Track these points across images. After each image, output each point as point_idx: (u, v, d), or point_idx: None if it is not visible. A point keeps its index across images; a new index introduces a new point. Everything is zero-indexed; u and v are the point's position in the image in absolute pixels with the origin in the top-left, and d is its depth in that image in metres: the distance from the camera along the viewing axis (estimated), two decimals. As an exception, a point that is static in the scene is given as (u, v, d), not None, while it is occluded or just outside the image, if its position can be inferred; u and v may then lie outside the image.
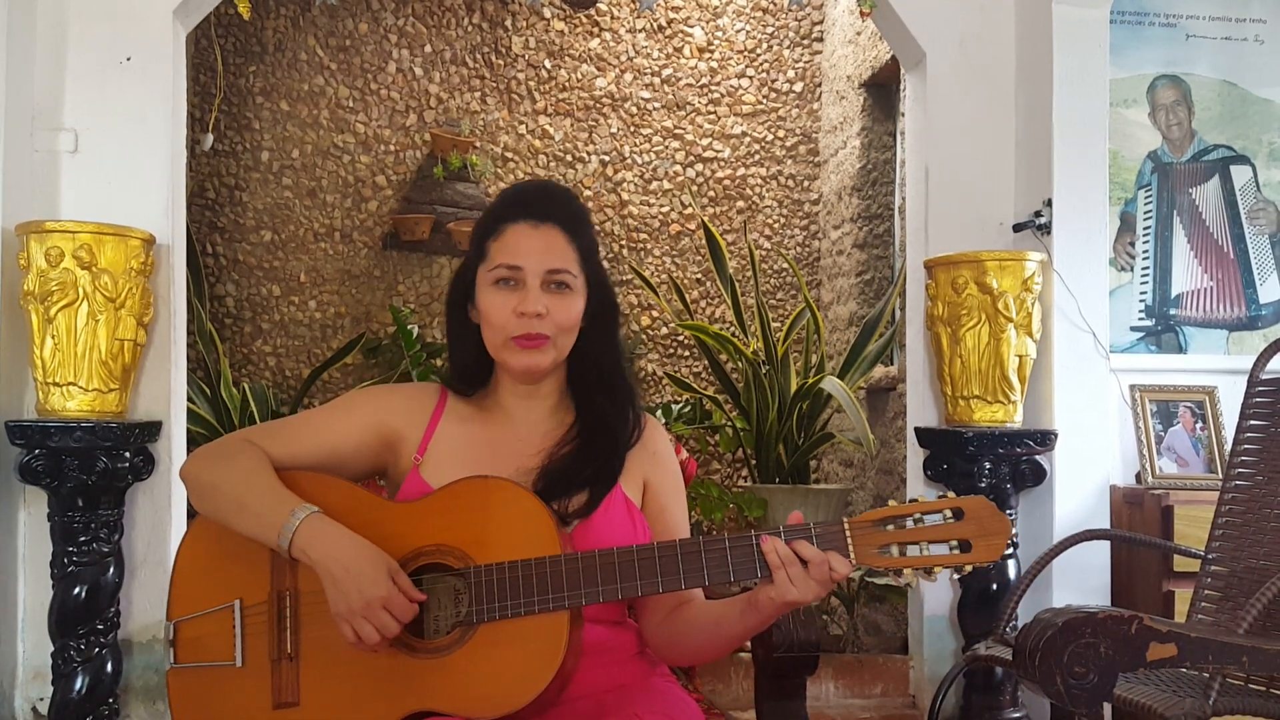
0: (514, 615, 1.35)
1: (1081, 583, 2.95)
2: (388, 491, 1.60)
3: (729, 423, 4.74)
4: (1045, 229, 3.08)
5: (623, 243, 5.66)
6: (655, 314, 5.66)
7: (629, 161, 5.70)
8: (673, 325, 5.59)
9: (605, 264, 1.64)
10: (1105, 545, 2.99)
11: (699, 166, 5.75)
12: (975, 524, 1.34)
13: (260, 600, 1.44)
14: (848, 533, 1.35)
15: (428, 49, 5.52)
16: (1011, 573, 2.94)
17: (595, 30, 5.70)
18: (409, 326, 5.04)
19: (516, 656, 1.35)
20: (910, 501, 1.37)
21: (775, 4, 5.80)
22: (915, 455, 3.27)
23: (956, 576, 1.37)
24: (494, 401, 1.58)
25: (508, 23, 5.61)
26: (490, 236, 1.52)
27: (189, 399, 3.45)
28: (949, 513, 1.35)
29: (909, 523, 1.35)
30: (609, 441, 1.54)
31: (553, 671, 1.34)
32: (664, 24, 5.74)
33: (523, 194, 1.57)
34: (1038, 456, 3.02)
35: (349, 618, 1.35)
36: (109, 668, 2.69)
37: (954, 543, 1.33)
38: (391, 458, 1.56)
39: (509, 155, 5.57)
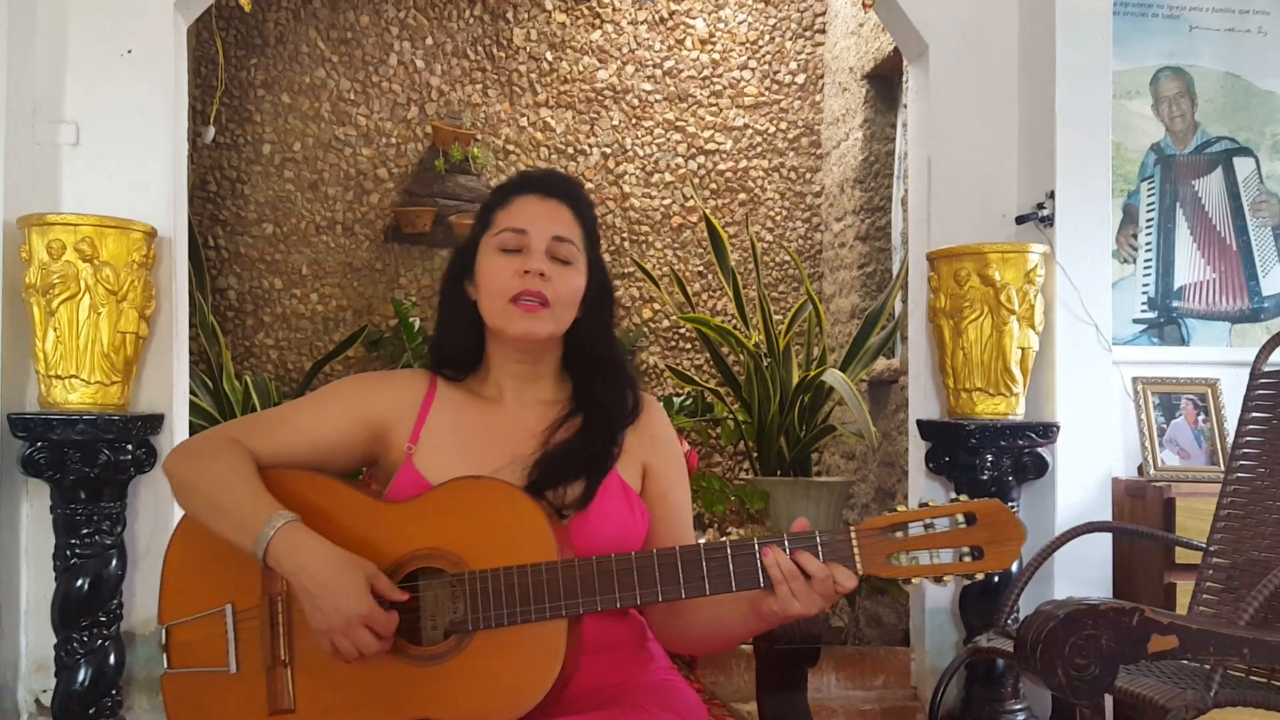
0: (510, 623, 1.33)
1: (1083, 575, 2.95)
2: (379, 480, 1.56)
3: (730, 415, 4.74)
4: (1048, 221, 3.07)
5: (624, 235, 5.66)
6: (657, 306, 5.66)
7: (630, 154, 5.69)
8: (674, 318, 5.59)
9: (606, 257, 1.65)
10: (1107, 537, 2.99)
11: (701, 159, 5.74)
12: (988, 529, 1.28)
13: (252, 605, 1.42)
14: (854, 541, 1.30)
15: (429, 41, 5.51)
16: (1013, 565, 2.94)
17: (597, 22, 5.69)
18: (410, 319, 5.04)
19: (514, 665, 1.33)
20: (920, 506, 1.31)
21: (777, -4, 5.79)
22: (917, 448, 3.27)
23: (967, 582, 1.33)
24: (487, 385, 1.56)
25: (509, 15, 5.60)
26: (497, 207, 1.55)
27: (191, 392, 3.46)
28: (961, 517, 1.29)
29: (919, 529, 1.29)
30: (605, 425, 1.52)
31: (551, 680, 1.32)
32: (665, 16, 5.72)
33: (531, 173, 1.62)
34: (1040, 449, 3.02)
35: (328, 634, 1.33)
36: (112, 660, 2.69)
37: (966, 549, 1.28)
38: (381, 448, 1.52)
39: (510, 148, 5.56)
